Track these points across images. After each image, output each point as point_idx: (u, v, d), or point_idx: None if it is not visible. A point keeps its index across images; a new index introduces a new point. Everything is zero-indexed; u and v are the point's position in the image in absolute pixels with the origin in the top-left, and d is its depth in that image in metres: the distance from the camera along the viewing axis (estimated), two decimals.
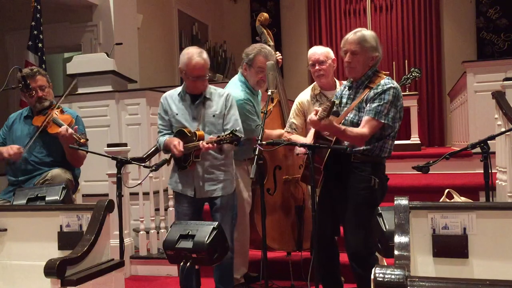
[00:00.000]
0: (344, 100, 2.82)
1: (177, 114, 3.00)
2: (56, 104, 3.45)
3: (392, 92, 2.63)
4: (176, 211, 3.12)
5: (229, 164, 3.03)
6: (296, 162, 3.56)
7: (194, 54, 2.94)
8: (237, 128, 2.87)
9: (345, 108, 2.76)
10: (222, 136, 2.71)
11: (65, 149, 3.29)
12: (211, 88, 3.06)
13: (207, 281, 3.14)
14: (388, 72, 2.86)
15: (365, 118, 2.61)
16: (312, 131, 2.98)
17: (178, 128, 2.98)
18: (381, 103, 2.60)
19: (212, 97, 3.01)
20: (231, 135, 2.68)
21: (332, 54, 3.41)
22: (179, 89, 3.09)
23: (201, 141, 2.79)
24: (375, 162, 2.71)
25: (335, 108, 2.83)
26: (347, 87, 2.86)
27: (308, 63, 3.41)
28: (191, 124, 2.96)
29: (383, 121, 2.61)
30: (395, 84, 2.69)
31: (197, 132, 2.89)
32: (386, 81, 2.68)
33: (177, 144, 2.85)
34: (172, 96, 3.08)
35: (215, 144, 2.74)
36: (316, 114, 2.53)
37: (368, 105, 2.64)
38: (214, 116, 2.96)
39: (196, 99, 3.00)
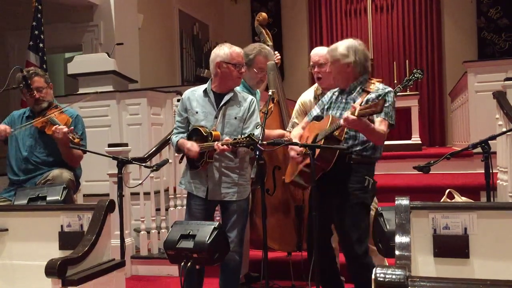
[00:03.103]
0: (336, 105, 2.86)
1: (197, 113, 2.93)
2: (60, 105, 3.45)
3: (392, 95, 2.73)
4: (186, 211, 3.03)
5: (245, 167, 2.96)
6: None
7: (228, 45, 2.96)
8: (255, 133, 2.80)
9: (338, 112, 2.81)
10: (239, 139, 2.65)
11: (60, 149, 3.29)
12: (235, 90, 3.00)
13: (210, 281, 3.15)
14: (381, 80, 2.92)
15: (378, 119, 2.65)
16: (296, 131, 2.97)
17: (194, 126, 2.91)
18: (387, 105, 2.65)
19: (236, 99, 2.95)
20: (248, 139, 2.61)
21: None
22: (203, 86, 3.02)
23: (216, 142, 2.74)
24: (369, 163, 2.76)
25: (319, 113, 2.90)
26: (336, 93, 2.91)
27: (309, 64, 3.41)
28: (210, 122, 2.89)
29: (391, 122, 2.68)
30: (391, 88, 2.80)
31: (213, 132, 2.82)
32: (382, 85, 2.78)
33: (190, 146, 2.82)
34: (194, 93, 3.00)
35: (230, 146, 2.69)
36: (353, 113, 2.49)
37: None
38: (235, 118, 2.90)
39: (220, 98, 2.94)
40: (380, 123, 2.65)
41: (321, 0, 9.83)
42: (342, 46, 2.81)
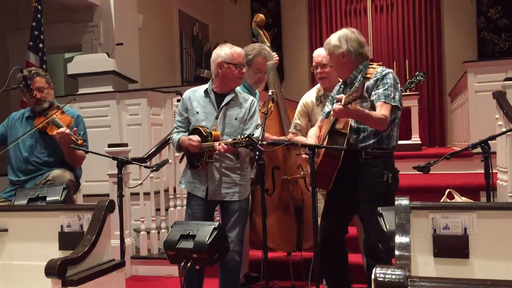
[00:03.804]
0: None
1: (197, 113, 2.94)
2: (61, 106, 3.44)
3: (392, 76, 2.69)
4: (186, 211, 3.04)
5: (245, 168, 2.96)
6: (294, 162, 3.56)
7: (229, 45, 2.97)
8: (255, 134, 2.80)
9: None
10: (238, 139, 2.66)
11: (63, 150, 3.28)
12: (236, 90, 3.01)
13: (210, 281, 3.14)
14: (380, 63, 2.88)
15: (378, 103, 2.62)
16: (313, 131, 2.97)
17: (194, 126, 2.93)
18: (386, 87, 2.64)
19: (237, 100, 2.96)
20: (247, 139, 2.62)
21: None
22: (204, 86, 3.03)
23: (216, 142, 2.75)
24: (385, 156, 2.71)
25: (329, 109, 2.86)
26: (340, 87, 2.89)
27: (312, 64, 3.41)
28: (211, 122, 2.90)
29: (393, 103, 2.63)
30: (390, 69, 2.75)
31: (213, 132, 2.83)
32: (382, 68, 2.75)
33: (193, 137, 2.83)
34: (195, 93, 3.01)
35: (230, 146, 2.69)
36: (340, 103, 2.46)
37: (373, 92, 2.66)
38: (236, 119, 2.91)
39: (221, 98, 2.94)
40: (380, 108, 2.61)
41: (321, 0, 9.83)
42: (334, 37, 2.80)
